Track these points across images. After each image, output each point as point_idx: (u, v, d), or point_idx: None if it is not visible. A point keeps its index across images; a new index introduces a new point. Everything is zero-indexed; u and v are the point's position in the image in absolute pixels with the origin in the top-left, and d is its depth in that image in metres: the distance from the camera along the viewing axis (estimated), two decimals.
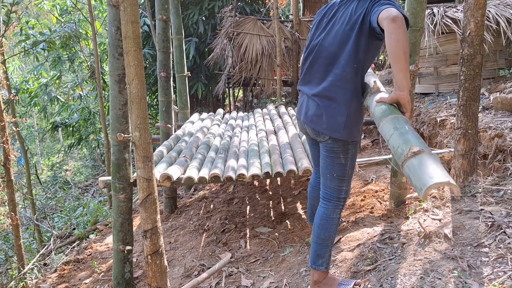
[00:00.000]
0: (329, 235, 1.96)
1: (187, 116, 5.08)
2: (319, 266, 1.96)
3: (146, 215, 2.19)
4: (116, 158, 2.65)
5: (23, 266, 4.32)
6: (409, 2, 2.51)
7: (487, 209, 2.09)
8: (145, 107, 2.09)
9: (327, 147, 1.97)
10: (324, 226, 1.97)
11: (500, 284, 1.55)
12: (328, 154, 1.97)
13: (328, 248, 1.97)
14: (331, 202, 1.98)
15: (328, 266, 1.98)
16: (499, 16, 3.99)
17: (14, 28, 7.76)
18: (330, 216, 1.97)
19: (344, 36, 1.86)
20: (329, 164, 1.98)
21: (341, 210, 2.01)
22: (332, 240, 1.98)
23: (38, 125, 15.42)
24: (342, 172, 1.96)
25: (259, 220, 3.54)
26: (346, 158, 1.95)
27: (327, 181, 2.00)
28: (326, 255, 1.97)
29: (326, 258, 1.97)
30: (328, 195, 1.99)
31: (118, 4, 2.10)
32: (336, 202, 1.98)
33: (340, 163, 1.95)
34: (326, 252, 1.97)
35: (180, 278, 2.78)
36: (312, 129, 1.99)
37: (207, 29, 8.86)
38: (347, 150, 1.94)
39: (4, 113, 4.54)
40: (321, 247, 1.97)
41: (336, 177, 1.96)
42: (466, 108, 2.45)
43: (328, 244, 1.97)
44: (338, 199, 1.98)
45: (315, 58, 1.98)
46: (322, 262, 1.96)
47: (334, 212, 1.97)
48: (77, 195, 9.16)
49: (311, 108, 1.98)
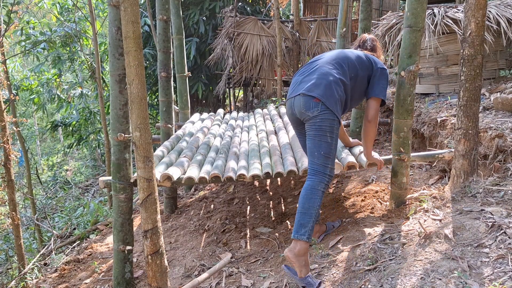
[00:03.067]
0: (313, 205, 2.15)
1: (187, 116, 5.08)
2: (301, 235, 2.09)
3: (147, 215, 2.19)
4: (117, 158, 2.65)
5: (24, 266, 4.32)
6: (410, 2, 2.51)
7: (488, 209, 2.09)
8: (145, 107, 2.09)
9: (316, 125, 2.23)
10: (309, 196, 2.16)
11: (501, 284, 1.55)
12: (316, 132, 2.23)
13: (311, 219, 2.12)
14: (317, 176, 2.21)
15: (310, 238, 2.10)
16: (499, 17, 3.99)
17: (15, 27, 7.76)
18: (316, 188, 2.18)
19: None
20: (317, 142, 2.23)
21: (326, 186, 2.22)
22: (315, 211, 2.14)
23: (39, 125, 15.43)
24: (328, 150, 2.22)
25: (259, 220, 3.54)
26: (332, 137, 2.23)
27: (314, 158, 2.24)
28: (309, 225, 2.10)
29: (309, 228, 2.10)
30: (314, 170, 2.22)
31: (119, 4, 2.10)
32: (321, 177, 2.20)
33: (327, 141, 2.22)
34: (309, 222, 2.11)
35: (180, 278, 2.78)
36: (305, 101, 2.25)
37: (208, 29, 8.86)
38: (333, 128, 2.23)
39: (5, 113, 4.55)
40: (304, 216, 2.12)
41: (323, 155, 2.22)
42: (466, 109, 2.45)
43: (311, 213, 2.12)
44: (324, 174, 2.21)
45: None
46: (305, 231, 2.09)
47: (319, 185, 2.19)
48: (78, 195, 9.16)
49: (312, 81, 2.29)
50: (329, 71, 2.31)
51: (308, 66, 2.46)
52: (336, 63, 2.37)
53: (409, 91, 2.57)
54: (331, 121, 2.22)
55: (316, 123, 2.23)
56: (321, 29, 8.07)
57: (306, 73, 2.40)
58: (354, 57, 2.44)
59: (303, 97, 2.27)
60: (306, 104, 2.25)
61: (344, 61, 2.39)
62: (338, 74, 2.32)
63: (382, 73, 2.46)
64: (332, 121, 2.23)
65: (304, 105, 2.26)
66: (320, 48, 7.99)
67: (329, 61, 2.38)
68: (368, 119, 2.46)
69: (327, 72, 2.31)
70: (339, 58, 2.41)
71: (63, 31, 8.93)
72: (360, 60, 2.45)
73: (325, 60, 2.40)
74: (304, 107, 2.26)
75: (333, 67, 2.34)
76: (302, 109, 2.28)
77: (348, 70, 2.37)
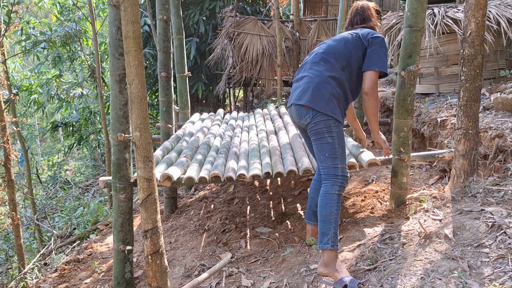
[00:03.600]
0: (330, 211, 2.07)
1: (187, 116, 5.08)
2: (325, 244, 2.03)
3: (147, 215, 2.19)
4: (117, 158, 2.65)
5: (24, 266, 4.32)
6: (410, 2, 2.51)
7: (488, 209, 2.09)
8: (145, 107, 2.09)
9: (312, 130, 2.19)
10: (325, 202, 2.09)
11: (501, 284, 1.55)
12: (316, 137, 2.19)
13: (331, 225, 2.05)
14: (329, 179, 2.13)
15: (335, 246, 2.03)
16: (500, 16, 3.99)
17: (15, 27, 7.76)
18: (329, 192, 2.10)
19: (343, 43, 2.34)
20: (319, 146, 2.18)
21: (341, 188, 2.13)
22: (334, 217, 2.07)
23: (39, 125, 15.43)
24: (332, 151, 2.15)
25: (259, 220, 3.54)
26: (332, 137, 2.15)
27: (322, 163, 2.18)
28: (331, 232, 2.04)
29: (331, 235, 2.03)
30: (325, 175, 2.16)
31: (119, 4, 2.10)
32: (334, 179, 2.12)
33: (327, 142, 2.15)
34: (330, 229, 2.04)
35: (180, 278, 2.78)
36: (297, 110, 2.23)
37: (208, 29, 8.86)
38: (330, 128, 2.15)
39: (5, 113, 4.55)
40: (324, 223, 2.06)
41: (329, 157, 2.15)
42: (466, 109, 2.44)
43: (330, 220, 2.05)
44: (335, 176, 2.13)
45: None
46: (328, 239, 2.03)
47: (332, 188, 2.11)
48: (78, 195, 9.15)
49: (301, 88, 2.24)
50: (315, 72, 2.24)
51: (300, 69, 2.40)
52: (321, 60, 2.27)
53: (409, 91, 2.57)
54: (326, 122, 2.16)
55: (312, 128, 2.20)
56: (321, 29, 8.07)
57: (298, 77, 2.35)
58: (341, 44, 2.29)
59: (295, 107, 2.25)
60: (299, 113, 2.23)
61: (330, 54, 2.27)
62: (326, 71, 2.22)
63: (375, 42, 2.25)
64: (327, 121, 2.16)
65: (297, 115, 2.25)
66: None
67: (315, 60, 2.29)
68: (364, 91, 2.25)
69: (314, 74, 2.24)
70: (325, 52, 2.29)
71: (63, 31, 8.93)
72: (347, 43, 2.28)
73: (312, 60, 2.32)
74: (297, 116, 2.26)
75: (319, 66, 2.25)
76: (296, 119, 2.29)
77: (336, 62, 2.24)
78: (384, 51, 2.26)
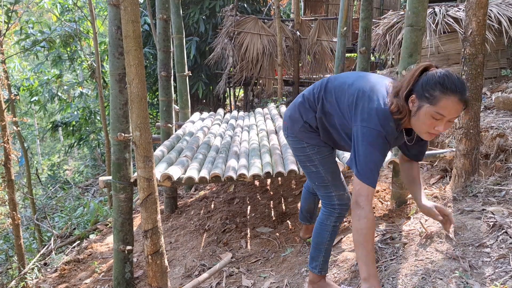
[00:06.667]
0: (322, 241, 1.95)
1: (187, 115, 5.07)
2: (312, 268, 1.99)
3: (147, 215, 2.18)
4: (117, 157, 2.64)
5: (24, 266, 4.32)
6: (411, 1, 2.50)
7: (489, 209, 2.08)
8: (145, 107, 2.09)
9: (296, 158, 2.01)
10: (318, 230, 1.98)
11: (502, 284, 1.55)
12: (300, 165, 1.99)
13: (320, 253, 1.96)
14: (326, 208, 1.96)
15: (322, 272, 1.97)
16: (501, 16, 3.98)
17: (14, 27, 7.76)
18: (324, 223, 1.95)
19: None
20: (307, 174, 1.99)
21: (337, 219, 1.94)
22: (325, 246, 1.96)
23: (39, 124, 15.42)
24: (321, 180, 1.92)
25: (260, 220, 3.53)
26: (314, 165, 1.90)
27: (316, 191, 2.01)
28: (319, 260, 1.96)
29: (320, 263, 1.96)
30: (322, 203, 1.99)
31: (119, 4, 2.09)
32: (330, 209, 1.94)
33: (311, 171, 1.93)
34: (319, 256, 1.96)
35: (180, 278, 2.77)
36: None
37: (208, 29, 8.85)
38: (308, 155, 1.89)
39: (5, 113, 4.54)
40: (314, 250, 1.99)
41: (319, 185, 1.94)
42: (467, 108, 2.43)
43: (320, 248, 1.96)
44: (331, 206, 1.93)
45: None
46: (316, 265, 1.97)
47: (327, 219, 1.94)
48: (78, 195, 9.14)
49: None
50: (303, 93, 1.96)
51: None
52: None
53: None
54: (302, 149, 1.90)
55: (294, 155, 2.02)
56: (321, 28, 8.06)
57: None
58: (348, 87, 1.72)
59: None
60: (283, 127, 2.04)
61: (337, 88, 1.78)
62: (309, 94, 1.88)
63: (359, 133, 1.57)
64: (303, 149, 1.89)
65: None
66: (320, 47, 7.98)
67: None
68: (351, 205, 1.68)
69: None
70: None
71: (63, 31, 8.92)
72: (348, 99, 1.69)
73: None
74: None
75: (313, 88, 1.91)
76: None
77: (325, 98, 1.79)
78: (373, 153, 1.58)
